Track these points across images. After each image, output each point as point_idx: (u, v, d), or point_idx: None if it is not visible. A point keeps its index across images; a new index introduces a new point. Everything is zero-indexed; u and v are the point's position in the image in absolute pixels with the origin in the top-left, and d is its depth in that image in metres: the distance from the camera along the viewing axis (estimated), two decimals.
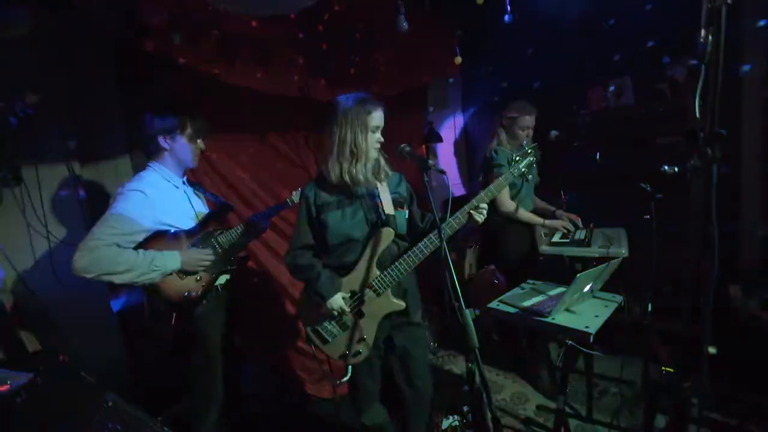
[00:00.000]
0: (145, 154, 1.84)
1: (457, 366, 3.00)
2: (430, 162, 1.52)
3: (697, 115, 0.84)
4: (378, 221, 1.65)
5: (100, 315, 2.18)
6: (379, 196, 1.67)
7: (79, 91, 2.33)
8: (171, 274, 1.65)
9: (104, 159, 2.48)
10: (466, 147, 4.41)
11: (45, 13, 2.17)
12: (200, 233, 1.77)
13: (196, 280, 1.71)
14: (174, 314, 1.69)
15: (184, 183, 1.86)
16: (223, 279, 1.85)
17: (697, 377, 1.02)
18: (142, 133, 1.77)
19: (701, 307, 0.93)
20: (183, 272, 1.68)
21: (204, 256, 1.71)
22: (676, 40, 2.72)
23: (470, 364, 1.35)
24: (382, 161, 1.69)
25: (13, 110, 2.00)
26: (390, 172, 1.72)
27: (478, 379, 1.35)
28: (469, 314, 1.33)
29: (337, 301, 1.61)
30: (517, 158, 1.75)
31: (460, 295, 1.35)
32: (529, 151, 1.76)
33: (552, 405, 2.38)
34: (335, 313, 1.63)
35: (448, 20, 3.29)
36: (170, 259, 1.63)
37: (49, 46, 2.19)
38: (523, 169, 1.74)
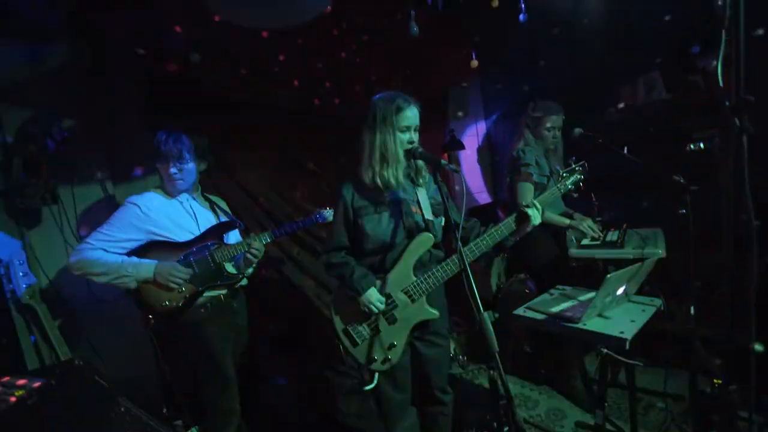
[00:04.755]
0: None
1: (487, 380, 2.85)
2: (443, 162, 1.48)
3: (720, 83, 0.76)
4: (416, 227, 1.61)
5: (130, 326, 2.24)
6: (418, 202, 1.63)
7: (111, 113, 2.46)
8: (150, 282, 1.70)
9: (135, 178, 2.59)
10: (489, 154, 4.32)
11: (81, 44, 2.34)
12: (195, 246, 1.81)
13: (179, 291, 1.73)
14: (150, 318, 1.73)
15: (194, 199, 1.91)
16: (222, 290, 1.86)
17: (744, 384, 0.90)
18: None
19: (743, 302, 0.83)
20: (156, 284, 1.71)
21: (177, 272, 1.71)
22: (706, 28, 2.57)
23: (492, 372, 1.27)
24: (420, 163, 1.63)
25: (51, 134, 2.14)
26: (428, 176, 1.67)
27: (500, 387, 1.26)
28: (488, 318, 1.25)
29: (373, 294, 1.55)
30: (564, 174, 1.70)
31: (477, 297, 1.28)
32: (577, 168, 1.70)
33: (592, 421, 2.21)
34: (372, 307, 1.55)
35: (464, 25, 3.28)
36: (144, 268, 1.69)
37: (83, 74, 2.34)
38: (570, 186, 1.69)
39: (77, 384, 1.03)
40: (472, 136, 4.28)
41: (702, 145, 1.13)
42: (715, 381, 2.32)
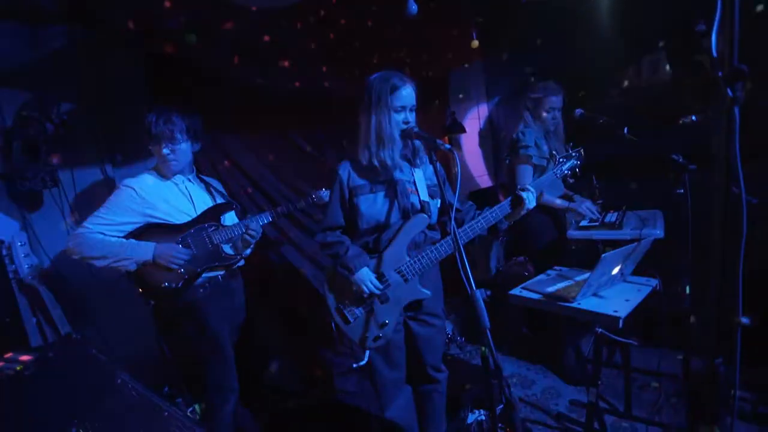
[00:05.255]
0: None
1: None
2: (439, 141, 1.47)
3: (714, 53, 0.75)
4: (411, 207, 1.61)
5: (132, 306, 2.27)
6: (414, 182, 1.63)
7: (111, 97, 2.45)
8: (150, 263, 1.71)
9: (135, 161, 2.59)
10: (491, 137, 4.28)
11: (78, 28, 2.32)
12: (193, 227, 1.81)
13: (178, 273, 1.74)
14: (151, 302, 1.77)
15: (189, 180, 1.90)
16: (220, 271, 1.88)
17: (729, 359, 0.90)
18: None
19: (731, 275, 0.83)
20: (156, 266, 1.72)
21: (177, 253, 1.73)
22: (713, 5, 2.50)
23: (483, 348, 1.29)
24: (418, 144, 1.61)
25: (49, 117, 2.14)
26: (426, 157, 1.65)
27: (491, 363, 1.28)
28: (479, 295, 1.26)
29: (365, 274, 1.56)
30: (561, 160, 1.69)
31: (470, 275, 1.28)
32: (573, 154, 1.70)
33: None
34: (363, 286, 1.56)
35: (466, 5, 3.21)
36: (143, 250, 1.70)
37: (83, 58, 2.33)
38: (566, 171, 1.69)
39: (73, 357, 1.05)
40: (474, 119, 4.24)
41: (694, 118, 1.11)
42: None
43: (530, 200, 1.54)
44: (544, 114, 2.45)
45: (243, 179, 2.79)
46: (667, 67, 2.88)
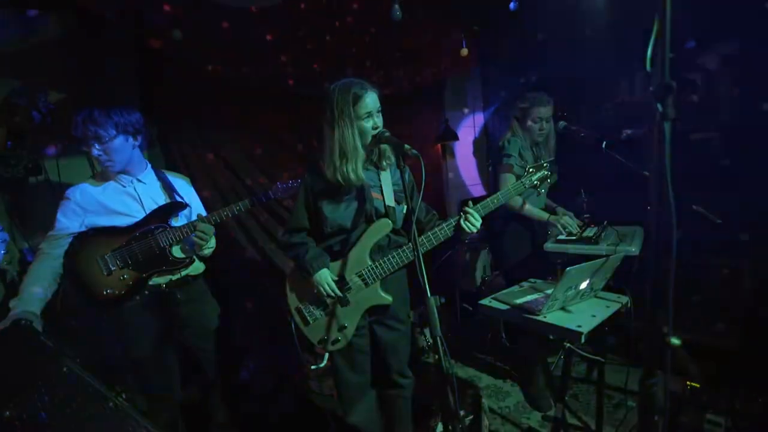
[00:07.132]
0: None
1: (464, 371, 2.86)
2: (406, 146, 1.47)
3: (648, 66, 0.75)
4: (376, 212, 1.61)
5: None
6: (381, 187, 1.63)
7: (102, 88, 2.48)
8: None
9: None
10: (486, 146, 4.28)
11: (73, 19, 2.36)
12: (138, 230, 1.72)
13: (120, 279, 1.68)
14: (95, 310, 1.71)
15: (139, 180, 1.81)
16: (164, 279, 1.80)
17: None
18: None
19: (661, 290, 0.82)
20: (107, 270, 1.67)
21: None
22: (706, 24, 2.48)
23: (435, 355, 1.28)
24: (387, 149, 1.61)
25: (36, 106, 2.17)
26: (393, 160, 1.62)
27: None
28: (433, 302, 1.26)
29: (324, 275, 1.56)
30: (531, 169, 1.72)
31: (427, 283, 1.28)
32: (545, 164, 1.73)
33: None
34: (321, 289, 1.56)
35: (459, 15, 3.23)
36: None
37: (74, 49, 2.37)
38: (535, 182, 1.72)
39: (20, 341, 1.06)
40: (469, 127, 4.24)
41: (629, 132, 1.10)
42: (689, 384, 2.30)
43: (469, 227, 1.55)
44: (531, 124, 2.44)
45: (231, 176, 2.81)
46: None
